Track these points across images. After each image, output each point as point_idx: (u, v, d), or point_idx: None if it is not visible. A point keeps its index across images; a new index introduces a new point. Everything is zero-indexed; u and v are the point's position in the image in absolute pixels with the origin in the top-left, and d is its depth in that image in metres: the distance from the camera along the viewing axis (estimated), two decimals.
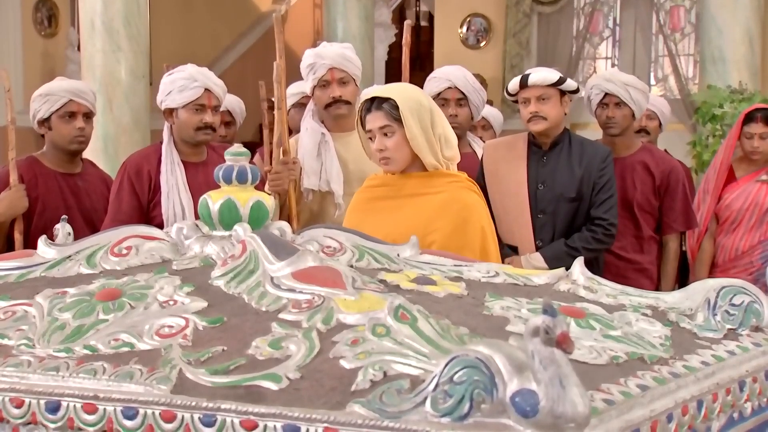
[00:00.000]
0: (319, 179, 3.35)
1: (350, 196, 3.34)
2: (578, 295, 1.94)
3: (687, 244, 4.11)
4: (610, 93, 3.75)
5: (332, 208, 3.36)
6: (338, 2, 8.36)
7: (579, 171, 3.36)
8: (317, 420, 1.35)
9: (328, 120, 3.44)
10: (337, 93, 3.36)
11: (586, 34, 9.12)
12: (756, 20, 6.80)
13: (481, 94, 3.76)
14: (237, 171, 2.09)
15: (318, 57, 3.36)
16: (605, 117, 3.78)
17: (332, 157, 3.35)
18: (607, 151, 3.46)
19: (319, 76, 3.36)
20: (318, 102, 3.41)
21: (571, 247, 3.31)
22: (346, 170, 3.36)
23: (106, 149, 5.62)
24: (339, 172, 3.34)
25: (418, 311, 1.57)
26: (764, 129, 3.97)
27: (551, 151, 3.39)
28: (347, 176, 3.36)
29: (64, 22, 8.87)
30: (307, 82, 3.41)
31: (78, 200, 3.45)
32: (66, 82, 3.54)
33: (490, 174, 3.42)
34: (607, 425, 1.35)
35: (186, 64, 3.37)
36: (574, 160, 3.38)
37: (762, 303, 1.87)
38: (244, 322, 1.66)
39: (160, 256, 2.00)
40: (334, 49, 3.41)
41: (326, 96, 3.37)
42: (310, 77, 3.38)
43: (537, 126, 3.33)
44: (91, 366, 1.55)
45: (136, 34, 5.85)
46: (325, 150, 3.37)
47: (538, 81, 3.30)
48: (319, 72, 3.35)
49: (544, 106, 3.30)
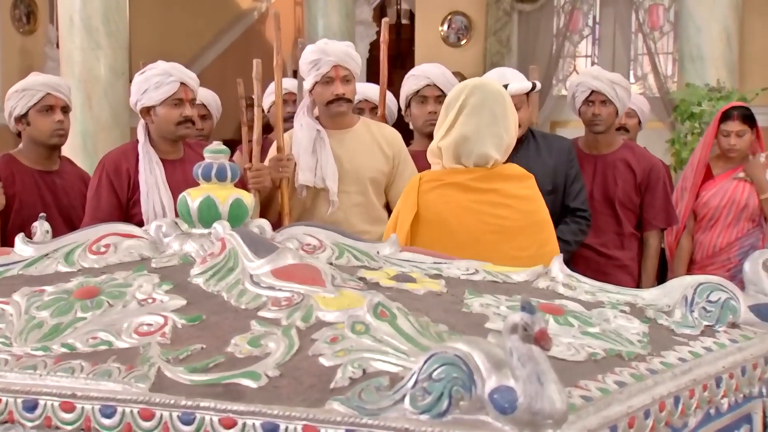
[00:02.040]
0: (314, 176, 3.34)
1: (344, 194, 3.34)
2: (557, 292, 1.95)
3: (666, 241, 4.13)
4: (596, 90, 3.78)
5: (325, 205, 3.36)
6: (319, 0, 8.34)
7: (551, 163, 3.39)
8: (296, 418, 1.35)
9: (324, 117, 3.43)
10: (341, 90, 3.35)
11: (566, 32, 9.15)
12: (734, 18, 6.85)
13: None
14: (216, 168, 2.08)
15: (323, 53, 3.34)
16: (591, 114, 3.81)
17: (328, 154, 3.35)
18: (569, 142, 3.50)
19: (323, 73, 3.34)
20: (319, 98, 3.39)
21: (563, 241, 3.31)
22: (341, 167, 3.36)
23: (85, 146, 5.59)
24: (334, 170, 3.34)
25: (397, 309, 1.57)
26: (741, 127, 4.00)
27: (520, 147, 3.41)
28: (342, 174, 3.36)
29: (43, 19, 8.81)
30: (307, 77, 3.38)
31: (56, 198, 3.43)
32: (42, 76, 3.52)
33: None
34: (584, 421, 1.35)
35: (167, 61, 3.35)
36: (544, 153, 3.40)
37: (738, 299, 1.89)
38: (224, 319, 1.65)
39: (139, 254, 1.99)
40: (339, 47, 3.40)
41: (329, 93, 3.35)
42: (313, 73, 3.35)
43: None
44: (68, 364, 1.54)
45: (115, 31, 5.82)
46: (321, 147, 3.36)
47: (515, 92, 3.28)
48: (323, 68, 3.34)
49: (519, 114, 3.31)
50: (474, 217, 2.51)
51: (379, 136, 3.48)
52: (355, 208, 3.38)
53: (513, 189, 2.58)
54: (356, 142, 3.42)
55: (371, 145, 3.44)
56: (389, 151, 3.45)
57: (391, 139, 3.49)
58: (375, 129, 3.51)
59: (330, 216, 3.31)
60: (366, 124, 3.51)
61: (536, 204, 2.62)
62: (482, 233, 2.49)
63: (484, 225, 2.50)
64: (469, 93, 2.54)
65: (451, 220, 2.51)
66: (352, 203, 3.37)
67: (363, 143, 3.43)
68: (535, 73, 3.99)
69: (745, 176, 4.03)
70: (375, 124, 3.57)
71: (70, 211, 3.44)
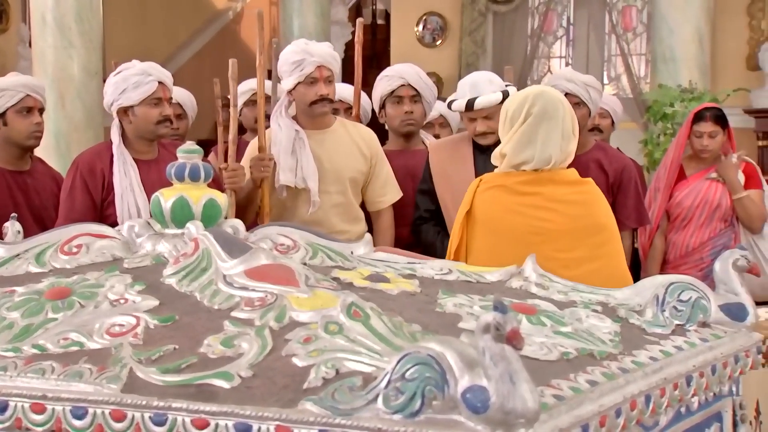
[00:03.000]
0: (295, 176, 3.34)
1: (324, 194, 3.34)
2: (530, 292, 1.96)
3: (639, 241, 4.16)
4: (570, 93, 3.80)
5: (305, 205, 3.35)
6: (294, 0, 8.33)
7: None
8: (269, 418, 1.35)
9: (303, 117, 3.42)
10: (325, 91, 3.35)
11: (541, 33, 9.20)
12: (706, 20, 6.91)
13: (433, 90, 3.78)
14: (189, 168, 2.08)
15: (307, 54, 3.33)
16: None
17: (308, 155, 3.34)
18: None
19: (307, 73, 3.32)
20: (302, 98, 3.37)
21: None
22: (321, 168, 3.36)
23: (58, 146, 5.54)
24: (314, 170, 3.34)
25: (370, 309, 1.58)
26: (713, 128, 4.03)
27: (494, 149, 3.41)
28: (322, 174, 3.35)
29: (15, 18, 8.74)
30: (288, 77, 3.36)
31: (27, 198, 3.40)
32: (22, 77, 3.50)
33: (438, 175, 3.43)
34: (556, 420, 1.36)
35: (135, 60, 3.33)
36: None
37: (709, 299, 1.91)
38: (196, 320, 1.65)
39: (111, 255, 1.98)
40: (323, 48, 3.40)
41: (313, 93, 3.34)
42: (296, 73, 3.33)
43: (486, 140, 3.34)
44: (39, 365, 1.53)
45: (89, 30, 5.77)
46: (300, 147, 3.36)
47: (484, 105, 3.30)
48: (307, 69, 3.32)
49: (491, 122, 3.30)
50: (518, 218, 2.68)
51: (357, 136, 3.48)
52: (335, 208, 3.38)
53: (561, 193, 2.72)
54: (335, 143, 3.42)
55: (350, 145, 3.44)
56: (367, 152, 3.45)
57: (369, 140, 3.49)
58: (352, 129, 3.51)
59: (310, 216, 3.31)
60: (343, 124, 3.51)
61: (588, 208, 2.76)
62: (524, 234, 2.64)
63: (526, 226, 2.66)
64: (532, 102, 2.69)
65: (497, 221, 2.70)
66: (332, 203, 3.38)
67: (342, 143, 3.43)
68: (510, 73, 4.00)
69: (718, 177, 4.06)
70: (351, 124, 3.57)
71: (41, 211, 3.41)
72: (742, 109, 7.53)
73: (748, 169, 4.09)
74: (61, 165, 4.18)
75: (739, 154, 4.08)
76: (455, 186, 3.39)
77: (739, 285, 1.96)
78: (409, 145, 3.77)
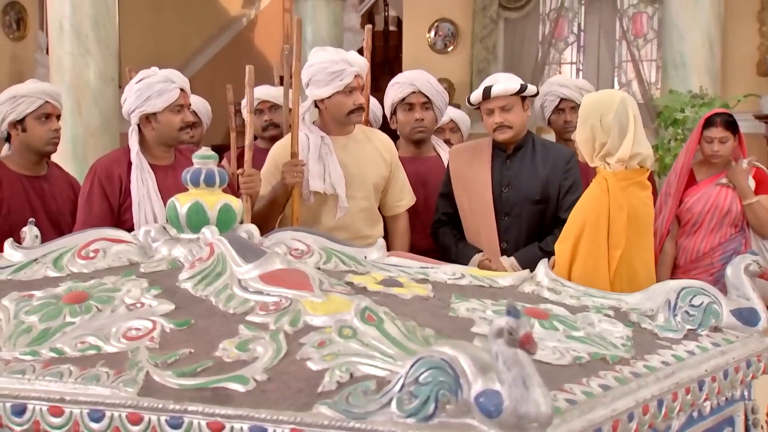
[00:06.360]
0: (324, 182, 3.37)
1: (351, 199, 3.36)
2: (542, 297, 1.97)
3: None
4: (565, 98, 3.81)
5: (332, 211, 3.38)
6: (308, 6, 8.34)
7: (543, 173, 3.38)
8: (284, 421, 1.36)
9: (332, 124, 3.44)
10: (361, 100, 3.41)
11: (552, 39, 9.19)
12: (716, 26, 6.89)
13: (444, 96, 3.79)
14: (205, 174, 2.10)
15: (347, 63, 3.37)
16: (562, 122, 3.85)
17: (335, 161, 3.38)
18: (570, 153, 3.48)
19: (347, 83, 3.36)
20: (339, 107, 3.39)
21: (545, 252, 3.31)
22: (347, 173, 3.39)
23: (74, 152, 5.57)
24: (341, 176, 3.37)
25: (384, 313, 1.59)
26: (724, 133, 4.02)
27: (515, 155, 3.42)
28: (348, 179, 3.38)
29: (33, 25, 8.78)
30: (326, 86, 3.38)
31: (44, 203, 3.43)
32: (41, 84, 3.54)
33: (456, 178, 3.45)
34: (569, 425, 1.37)
35: (155, 67, 3.35)
36: (539, 162, 3.40)
37: (721, 304, 1.91)
38: (212, 324, 1.66)
39: (128, 259, 2.00)
40: (359, 57, 3.47)
41: (351, 102, 3.38)
42: (335, 83, 3.35)
43: (503, 135, 3.35)
44: (57, 369, 1.55)
45: (105, 37, 5.81)
46: (327, 153, 3.39)
47: (500, 92, 3.31)
48: (347, 79, 3.36)
49: (509, 115, 3.32)
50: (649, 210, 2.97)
51: (377, 141, 3.52)
52: (361, 213, 3.42)
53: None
54: (359, 148, 3.46)
55: (372, 150, 3.48)
56: (387, 157, 3.49)
57: (388, 145, 3.54)
58: (371, 135, 3.55)
59: (338, 221, 3.33)
60: (362, 130, 3.54)
61: None
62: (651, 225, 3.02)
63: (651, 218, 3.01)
64: (626, 104, 2.88)
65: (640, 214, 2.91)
66: (359, 208, 3.41)
67: (365, 149, 3.47)
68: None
69: (728, 182, 4.05)
70: (370, 130, 3.61)
71: (58, 216, 3.44)
72: (752, 115, 7.50)
73: (758, 174, 4.08)
74: (78, 170, 4.21)
75: (749, 160, 4.07)
76: (471, 190, 3.41)
77: (751, 290, 1.97)
78: (421, 151, 3.79)
